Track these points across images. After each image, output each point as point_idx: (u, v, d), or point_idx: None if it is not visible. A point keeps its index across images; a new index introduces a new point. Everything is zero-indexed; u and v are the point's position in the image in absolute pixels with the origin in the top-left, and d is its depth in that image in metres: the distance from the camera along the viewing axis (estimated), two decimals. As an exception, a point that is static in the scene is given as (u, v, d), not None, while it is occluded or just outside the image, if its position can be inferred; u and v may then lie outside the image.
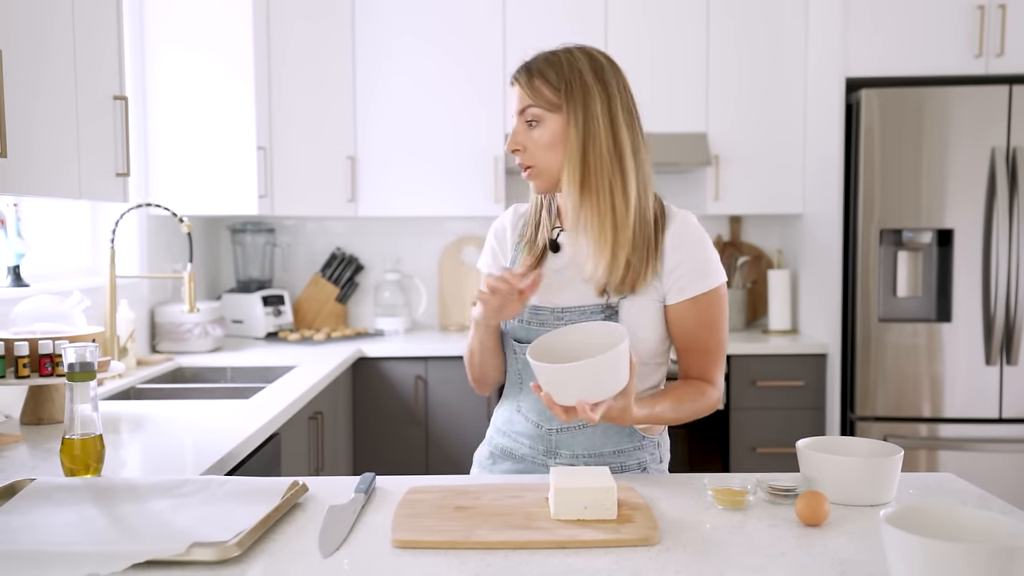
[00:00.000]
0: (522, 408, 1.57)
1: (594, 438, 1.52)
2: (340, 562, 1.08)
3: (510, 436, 1.59)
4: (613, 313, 1.47)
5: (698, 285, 1.47)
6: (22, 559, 1.02)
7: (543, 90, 1.46)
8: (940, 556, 0.88)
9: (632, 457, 1.54)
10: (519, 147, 1.48)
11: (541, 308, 1.52)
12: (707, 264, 1.48)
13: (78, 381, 1.38)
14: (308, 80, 3.54)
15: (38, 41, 1.83)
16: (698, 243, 1.48)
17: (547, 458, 1.54)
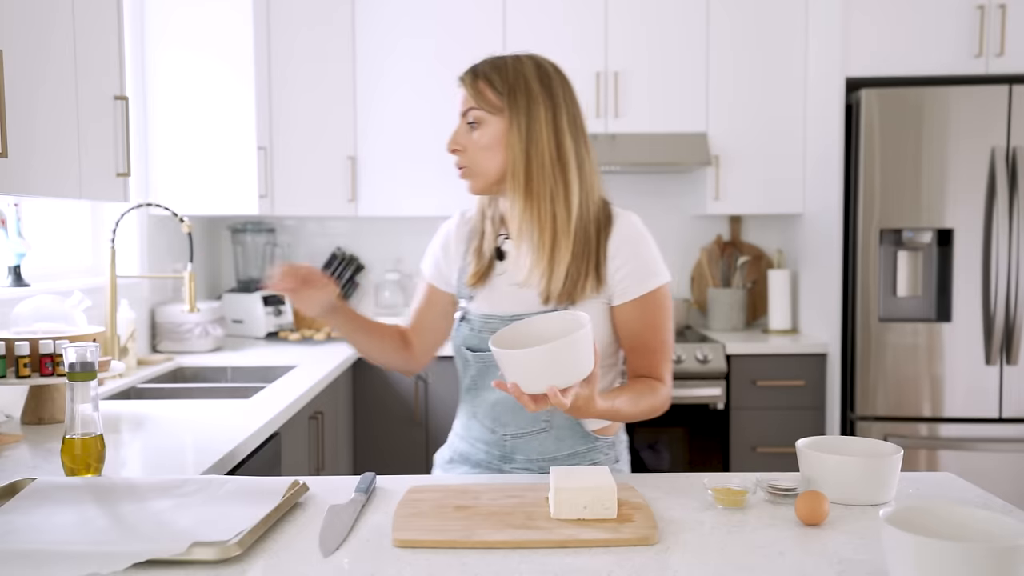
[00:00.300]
0: (478, 414, 1.58)
1: (548, 442, 1.53)
2: (340, 561, 1.08)
3: (468, 441, 1.62)
4: None
5: (641, 286, 1.48)
6: (23, 559, 1.02)
7: (487, 93, 1.47)
8: (940, 556, 0.89)
9: (586, 459, 1.55)
10: (458, 147, 1.50)
11: (492, 317, 1.53)
12: (649, 265, 1.48)
13: (79, 381, 1.38)
14: (308, 80, 3.54)
15: (39, 41, 1.83)
16: (640, 244, 1.49)
17: (502, 463, 1.56)
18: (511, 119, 1.46)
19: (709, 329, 3.76)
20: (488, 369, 1.54)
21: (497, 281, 1.55)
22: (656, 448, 3.33)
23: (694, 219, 3.94)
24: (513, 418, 1.54)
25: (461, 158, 1.51)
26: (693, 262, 3.95)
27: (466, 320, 1.57)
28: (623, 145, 3.53)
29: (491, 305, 1.54)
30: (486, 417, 1.57)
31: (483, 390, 1.56)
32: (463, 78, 1.51)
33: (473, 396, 1.59)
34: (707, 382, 3.30)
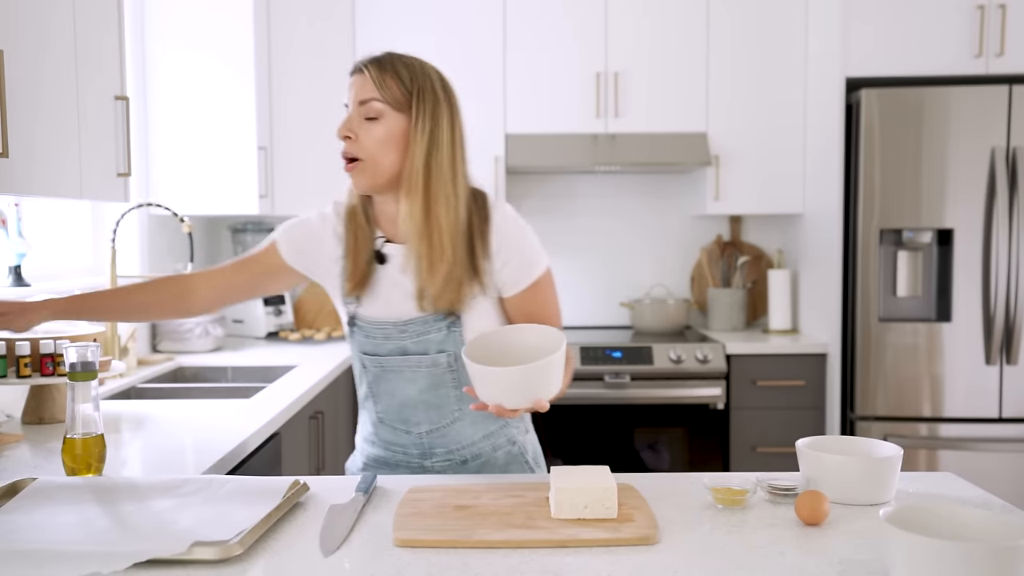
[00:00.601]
0: (384, 418, 1.57)
1: (463, 430, 1.55)
2: (341, 561, 1.08)
3: (379, 446, 1.61)
4: (456, 320, 1.48)
5: (528, 276, 1.50)
6: (24, 558, 1.02)
7: (393, 87, 1.44)
8: (940, 555, 0.89)
9: (501, 436, 1.58)
10: (351, 134, 1.44)
11: (384, 322, 1.50)
12: (531, 254, 1.50)
13: (79, 381, 1.38)
14: (309, 80, 3.54)
15: (39, 41, 1.83)
16: (520, 237, 1.49)
17: (423, 460, 1.57)
18: (416, 118, 1.44)
19: (709, 329, 3.76)
20: (385, 373, 1.53)
21: (382, 285, 1.51)
22: (656, 448, 3.33)
23: (694, 219, 3.94)
24: (424, 415, 1.54)
25: (353, 148, 1.44)
26: (693, 262, 3.95)
27: (358, 326, 1.53)
28: (623, 145, 3.53)
29: (380, 310, 1.51)
30: (395, 420, 1.56)
31: (385, 394, 1.55)
32: (366, 66, 1.45)
33: (375, 401, 1.57)
34: (707, 382, 3.30)
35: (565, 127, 3.57)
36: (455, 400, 1.53)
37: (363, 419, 1.64)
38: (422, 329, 1.49)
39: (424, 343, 1.49)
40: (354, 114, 1.45)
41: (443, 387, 1.52)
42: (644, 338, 3.53)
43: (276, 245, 1.59)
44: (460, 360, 1.49)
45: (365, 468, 1.64)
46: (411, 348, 1.50)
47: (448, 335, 1.49)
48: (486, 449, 1.57)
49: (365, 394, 1.59)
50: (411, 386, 1.52)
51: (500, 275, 1.49)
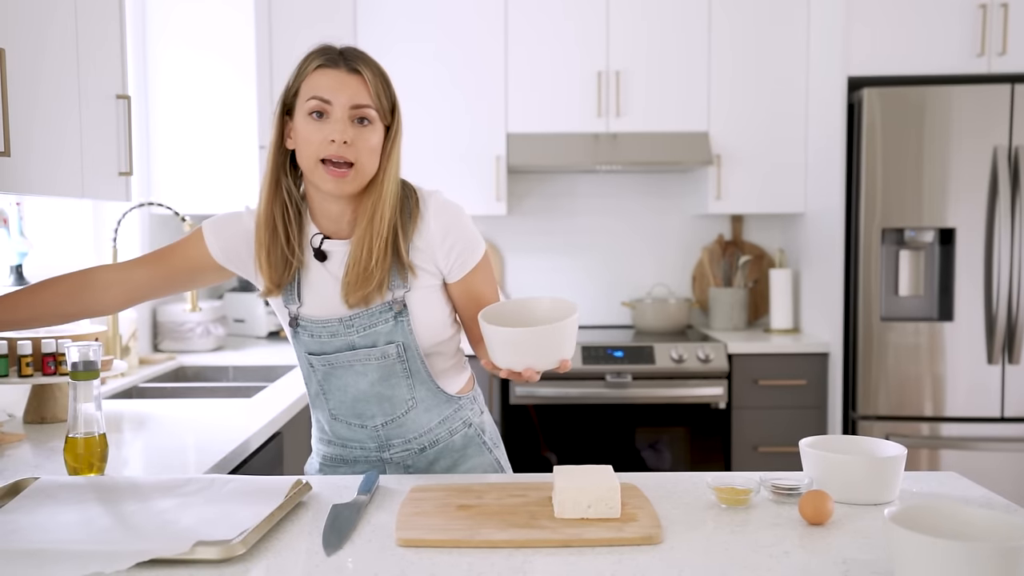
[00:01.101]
0: (338, 414, 1.56)
1: (419, 418, 1.54)
2: (344, 561, 1.08)
3: (335, 444, 1.59)
4: (402, 309, 1.48)
5: (472, 258, 1.51)
6: (26, 558, 1.02)
7: (383, 98, 1.44)
8: (945, 555, 0.88)
9: (457, 419, 1.58)
10: (349, 140, 1.40)
11: (327, 320, 1.49)
12: (472, 237, 1.51)
13: (81, 380, 1.38)
14: (310, 79, 3.54)
15: (41, 40, 1.83)
16: (461, 219, 1.51)
17: (381, 452, 1.56)
18: (395, 131, 1.46)
19: (711, 328, 3.76)
20: (335, 370, 1.52)
21: (322, 282, 1.49)
22: (657, 448, 3.33)
23: (695, 218, 3.93)
24: (378, 408, 1.53)
25: (350, 153, 1.40)
26: (694, 261, 3.95)
27: (301, 327, 1.51)
28: (624, 144, 3.53)
29: (321, 308, 1.50)
30: (349, 415, 1.55)
31: (336, 391, 1.53)
32: (361, 69, 1.42)
33: (326, 399, 1.55)
34: (709, 381, 3.30)
35: (566, 126, 3.57)
36: (407, 390, 1.52)
37: (316, 418, 1.62)
38: (368, 322, 1.48)
39: (372, 336, 1.48)
40: (344, 116, 1.40)
41: (394, 378, 1.51)
42: (645, 337, 3.53)
43: (205, 243, 1.53)
44: (409, 350, 1.49)
45: (322, 468, 1.62)
46: (358, 342, 1.49)
47: (396, 325, 1.48)
48: (443, 434, 1.57)
49: (315, 393, 1.57)
50: (362, 380, 1.51)
51: (447, 260, 1.50)
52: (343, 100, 1.40)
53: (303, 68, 1.44)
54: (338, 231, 1.49)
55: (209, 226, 1.54)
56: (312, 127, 1.41)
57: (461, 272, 1.51)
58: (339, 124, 1.40)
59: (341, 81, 1.41)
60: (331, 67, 1.41)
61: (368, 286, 1.44)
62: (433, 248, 1.48)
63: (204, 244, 1.53)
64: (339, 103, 1.40)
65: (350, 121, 1.41)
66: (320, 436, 1.62)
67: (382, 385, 1.51)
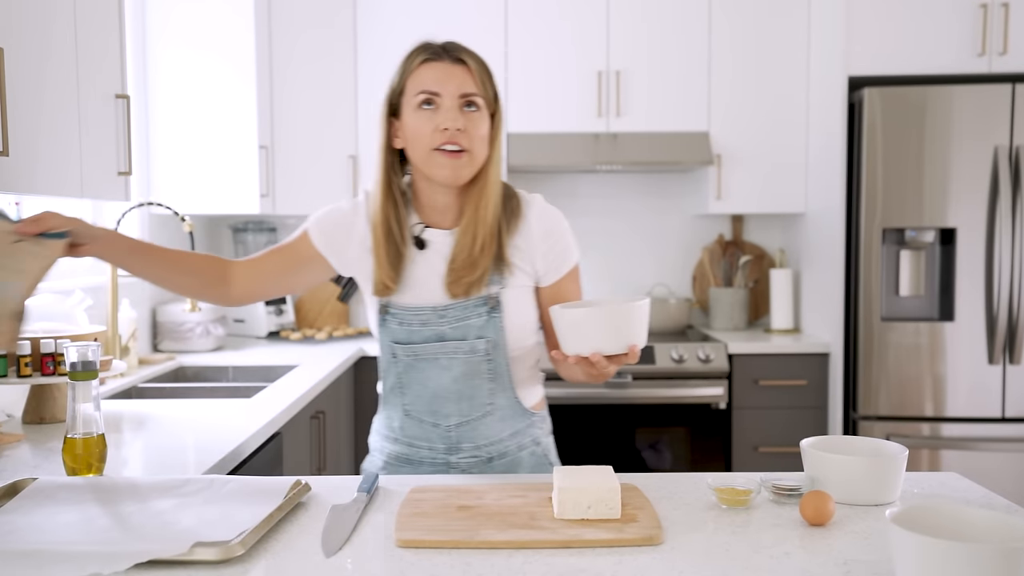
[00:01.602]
0: (412, 411, 1.56)
1: (493, 426, 1.54)
2: (343, 562, 1.07)
3: (402, 442, 1.58)
4: (496, 305, 1.49)
5: (566, 264, 1.54)
6: (24, 559, 1.02)
7: (489, 87, 1.48)
8: (946, 556, 0.88)
9: (526, 436, 1.58)
10: (463, 128, 1.44)
11: (421, 308, 1.50)
12: (570, 243, 1.55)
13: (80, 380, 1.38)
14: (310, 79, 3.54)
15: (40, 39, 1.82)
16: (562, 224, 1.54)
17: (449, 455, 1.55)
18: (498, 120, 1.50)
19: (711, 329, 3.75)
20: (418, 362, 1.52)
21: (419, 271, 1.51)
22: (658, 448, 3.33)
23: (696, 218, 3.93)
24: (455, 407, 1.53)
25: (463, 140, 1.44)
26: (695, 261, 3.94)
27: (391, 314, 1.52)
28: (624, 144, 3.53)
29: (415, 297, 1.51)
30: (424, 412, 1.54)
31: (415, 384, 1.53)
32: (466, 60, 1.46)
33: (403, 393, 1.55)
34: (709, 382, 3.30)
35: (566, 126, 3.57)
36: (487, 393, 1.53)
37: (385, 415, 1.61)
38: (462, 314, 1.49)
39: (463, 329, 1.49)
40: (454, 105, 1.44)
41: (477, 377, 1.51)
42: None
43: (307, 232, 1.57)
44: (497, 348, 1.50)
45: (385, 467, 1.61)
46: (449, 334, 1.50)
47: (488, 321, 1.49)
48: (512, 448, 1.56)
49: (392, 386, 1.56)
50: (445, 374, 1.51)
51: (545, 262, 1.52)
52: (452, 89, 1.44)
53: (407, 66, 1.48)
54: (441, 222, 1.53)
55: (312, 218, 1.59)
56: (423, 119, 1.44)
57: (555, 276, 1.54)
58: (450, 112, 1.44)
59: (447, 72, 1.44)
60: (436, 60, 1.46)
61: (473, 274, 1.46)
62: (532, 248, 1.51)
63: (308, 235, 1.57)
64: (448, 93, 1.44)
65: (459, 109, 1.44)
66: (387, 434, 1.61)
67: (464, 382, 1.51)
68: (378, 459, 1.63)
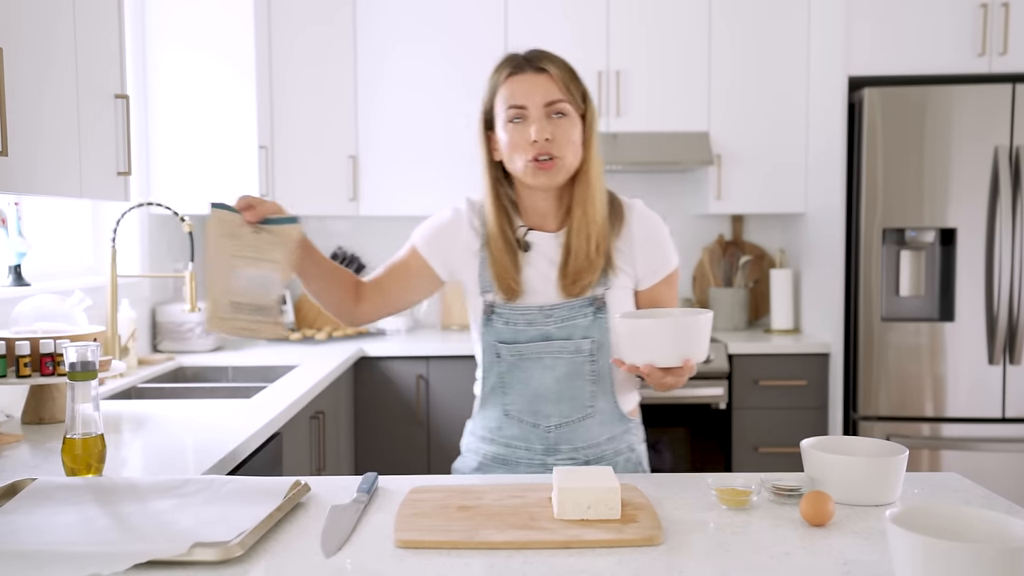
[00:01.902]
0: (511, 411, 1.57)
1: (592, 428, 1.56)
2: (343, 562, 1.07)
3: (499, 443, 1.60)
4: (602, 306, 1.52)
5: (665, 268, 1.58)
6: (24, 559, 1.02)
7: (575, 90, 1.51)
8: (947, 556, 0.88)
9: (623, 442, 1.59)
10: (550, 136, 1.48)
11: (527, 308, 1.53)
12: (669, 248, 1.59)
13: (79, 380, 1.38)
14: (310, 79, 3.54)
15: (39, 39, 1.82)
16: (662, 229, 1.59)
17: (546, 456, 1.56)
18: (590, 118, 1.52)
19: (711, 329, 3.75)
20: (522, 362, 1.54)
21: (525, 273, 1.55)
22: (658, 448, 3.33)
23: (696, 218, 3.93)
24: (556, 408, 1.55)
25: (551, 148, 1.48)
26: (695, 261, 3.94)
27: (496, 314, 1.55)
28: (624, 144, 3.52)
29: (523, 297, 1.55)
30: (524, 412, 1.56)
31: (517, 384, 1.55)
32: (547, 67, 1.49)
33: (504, 393, 1.57)
34: (709, 382, 3.29)
35: (566, 126, 3.56)
36: (589, 395, 1.54)
37: (483, 416, 1.62)
38: (568, 314, 1.52)
39: (569, 328, 1.52)
40: (540, 115, 1.47)
41: (580, 378, 1.53)
42: (646, 338, 3.52)
43: (414, 245, 1.62)
44: (602, 349, 1.52)
45: (480, 468, 1.62)
46: (554, 334, 1.53)
47: (594, 321, 1.51)
48: (609, 452, 1.58)
49: (492, 387, 1.58)
50: (548, 374, 1.53)
51: (644, 265, 1.56)
52: (537, 100, 1.48)
53: (494, 82, 1.53)
54: (544, 225, 1.57)
55: (416, 230, 1.64)
56: (514, 133, 1.49)
57: (653, 280, 1.57)
58: (537, 124, 1.47)
59: (531, 83, 1.49)
60: (519, 73, 1.50)
61: (591, 274, 1.50)
62: (634, 251, 1.55)
63: (414, 246, 1.62)
64: (534, 104, 1.48)
65: (547, 118, 1.48)
66: (483, 435, 1.62)
67: (566, 383, 1.53)
68: (472, 460, 1.64)
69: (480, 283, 1.57)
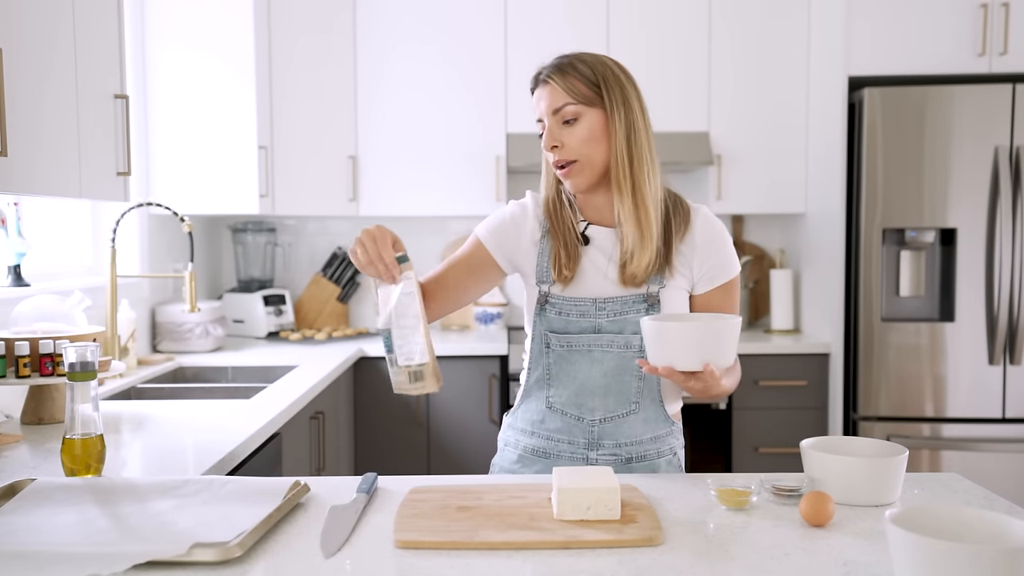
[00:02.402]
0: (555, 403, 1.57)
1: (636, 426, 1.56)
2: (342, 563, 1.07)
3: (540, 436, 1.59)
4: (655, 302, 1.53)
5: (724, 274, 1.57)
6: (23, 559, 1.02)
7: (579, 86, 1.50)
8: (946, 557, 0.88)
9: (664, 443, 1.59)
10: (557, 143, 1.50)
11: (581, 299, 1.55)
12: (730, 255, 1.58)
13: (79, 381, 1.38)
14: (309, 79, 3.54)
15: (39, 40, 1.82)
16: (725, 236, 1.58)
17: (589, 451, 1.56)
18: (610, 109, 1.51)
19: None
20: (571, 354, 1.55)
21: (582, 265, 1.57)
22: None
23: (696, 219, 3.92)
24: (601, 402, 1.55)
25: (563, 154, 1.51)
26: (695, 262, 3.94)
27: (550, 304, 1.56)
28: (625, 144, 3.52)
29: (578, 288, 1.56)
30: (569, 405, 1.56)
31: (564, 376, 1.56)
32: (549, 77, 1.52)
33: (549, 385, 1.57)
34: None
35: (566, 126, 3.56)
36: (635, 391, 1.54)
37: (524, 409, 1.62)
38: (621, 308, 1.52)
39: (620, 322, 1.53)
40: (552, 124, 1.51)
41: (627, 374, 1.54)
42: (646, 338, 3.52)
43: (479, 238, 1.64)
44: None
45: (520, 461, 1.62)
46: (606, 327, 1.53)
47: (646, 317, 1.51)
48: (651, 452, 1.57)
49: (538, 378, 1.58)
50: (596, 368, 1.54)
51: (702, 267, 1.56)
52: (544, 110, 1.52)
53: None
54: (601, 220, 1.58)
55: (481, 225, 1.65)
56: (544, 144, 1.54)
57: (709, 285, 1.57)
58: (550, 133, 1.51)
59: (540, 97, 1.54)
60: (536, 87, 1.56)
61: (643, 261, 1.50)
62: (693, 254, 1.55)
63: (479, 239, 1.63)
64: (546, 115, 1.52)
65: (558, 126, 1.51)
66: (524, 428, 1.62)
67: (613, 377, 1.54)
68: (512, 454, 1.64)
69: (537, 272, 1.59)
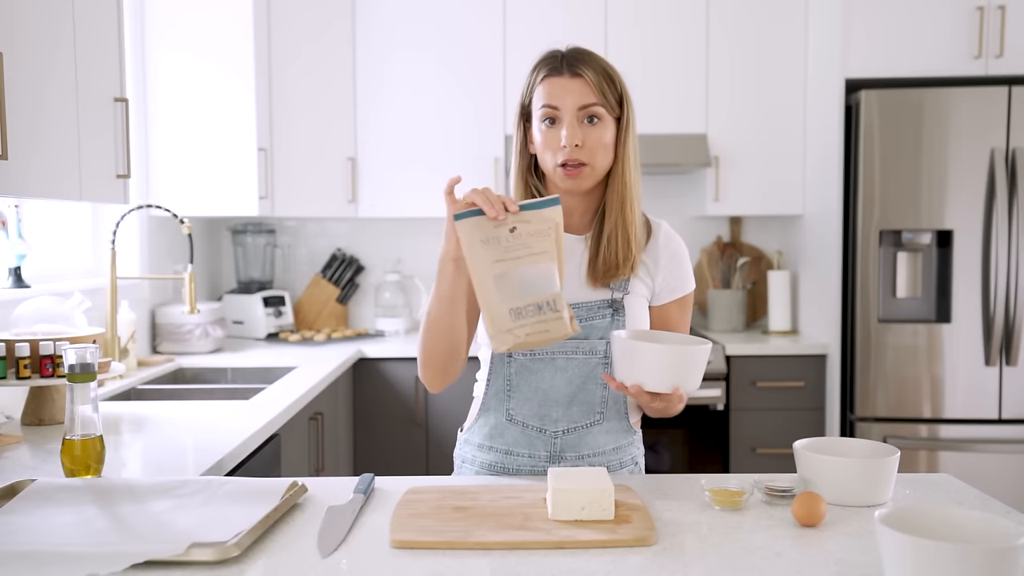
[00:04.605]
0: (515, 416, 1.53)
1: (599, 436, 1.54)
2: (339, 562, 1.08)
3: (499, 450, 1.55)
4: (620, 308, 1.51)
5: (683, 288, 1.59)
6: (22, 559, 1.03)
7: (610, 93, 1.48)
8: (934, 556, 0.89)
9: (627, 453, 1.59)
10: (579, 142, 1.45)
11: None
12: (688, 271, 1.60)
13: (79, 382, 1.39)
14: (308, 81, 3.55)
15: (39, 43, 1.83)
16: (685, 251, 1.61)
17: (550, 463, 1.52)
18: (627, 124, 1.51)
19: (709, 330, 3.76)
20: (533, 363, 1.50)
21: None
22: (656, 449, 3.33)
23: (694, 220, 3.94)
24: (565, 412, 1.51)
25: (580, 154, 1.46)
26: (693, 263, 3.94)
27: None
28: (623, 146, 3.53)
29: None
30: (531, 416, 1.52)
31: (525, 387, 1.51)
32: (582, 71, 1.46)
33: (510, 397, 1.53)
34: (707, 383, 3.30)
35: (565, 128, 3.57)
36: (599, 400, 1.52)
37: (482, 424, 1.57)
38: (587, 314, 1.50)
39: (586, 329, 1.50)
40: (574, 120, 1.46)
41: (592, 382, 1.51)
42: (644, 339, 3.53)
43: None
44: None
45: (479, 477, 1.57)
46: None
47: (612, 323, 1.50)
48: (615, 463, 1.56)
49: (497, 390, 1.54)
50: (560, 376, 1.50)
51: (664, 281, 1.56)
52: (569, 104, 1.46)
53: (532, 80, 1.52)
54: (569, 224, 1.55)
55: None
56: (547, 135, 1.48)
57: (668, 297, 1.58)
58: (569, 128, 1.46)
59: (565, 87, 1.47)
60: (555, 75, 1.48)
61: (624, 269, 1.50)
62: (656, 265, 1.56)
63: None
64: (566, 107, 1.46)
65: (579, 122, 1.47)
66: (481, 443, 1.57)
67: (578, 385, 1.51)
68: (469, 470, 1.59)
69: None
